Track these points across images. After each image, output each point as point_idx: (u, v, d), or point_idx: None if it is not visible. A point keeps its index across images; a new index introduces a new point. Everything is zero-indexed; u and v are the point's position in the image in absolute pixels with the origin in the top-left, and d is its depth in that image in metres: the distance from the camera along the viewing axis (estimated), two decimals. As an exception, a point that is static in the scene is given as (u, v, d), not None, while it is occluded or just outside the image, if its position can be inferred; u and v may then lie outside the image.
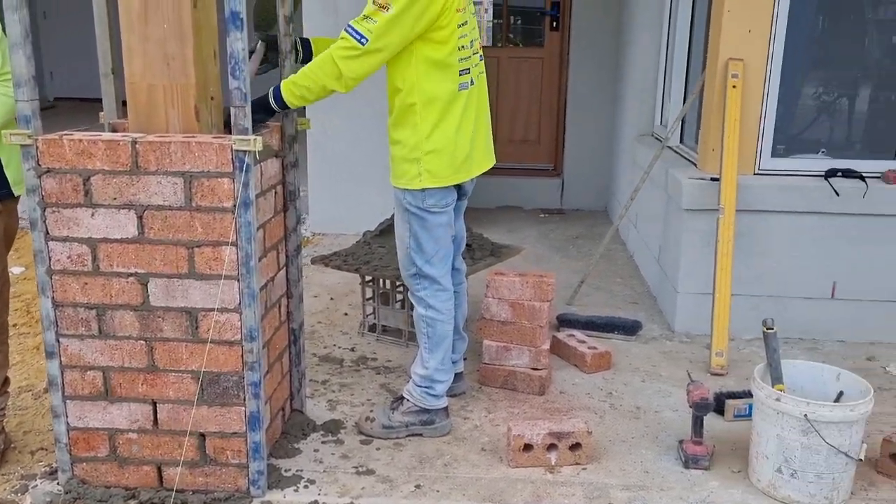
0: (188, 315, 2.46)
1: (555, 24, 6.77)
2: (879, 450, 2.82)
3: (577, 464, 2.82)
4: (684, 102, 4.71)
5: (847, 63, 4.33)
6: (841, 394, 2.76)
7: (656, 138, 5.37)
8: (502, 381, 3.42)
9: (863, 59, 4.30)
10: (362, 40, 2.56)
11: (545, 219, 6.65)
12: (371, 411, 3.05)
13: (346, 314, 4.34)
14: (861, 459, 2.60)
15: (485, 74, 2.95)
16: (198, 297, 2.44)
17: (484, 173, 3.01)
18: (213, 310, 2.44)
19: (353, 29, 2.58)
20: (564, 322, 4.10)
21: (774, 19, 3.80)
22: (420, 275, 2.94)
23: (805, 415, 2.52)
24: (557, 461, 2.80)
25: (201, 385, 2.49)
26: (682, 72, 4.99)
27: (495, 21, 6.97)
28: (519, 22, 7.44)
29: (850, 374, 2.78)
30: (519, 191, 6.98)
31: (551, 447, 2.79)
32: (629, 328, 4.05)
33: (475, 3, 4.95)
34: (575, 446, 2.80)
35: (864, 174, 3.88)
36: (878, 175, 3.89)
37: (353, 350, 3.85)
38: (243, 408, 2.52)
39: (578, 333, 3.89)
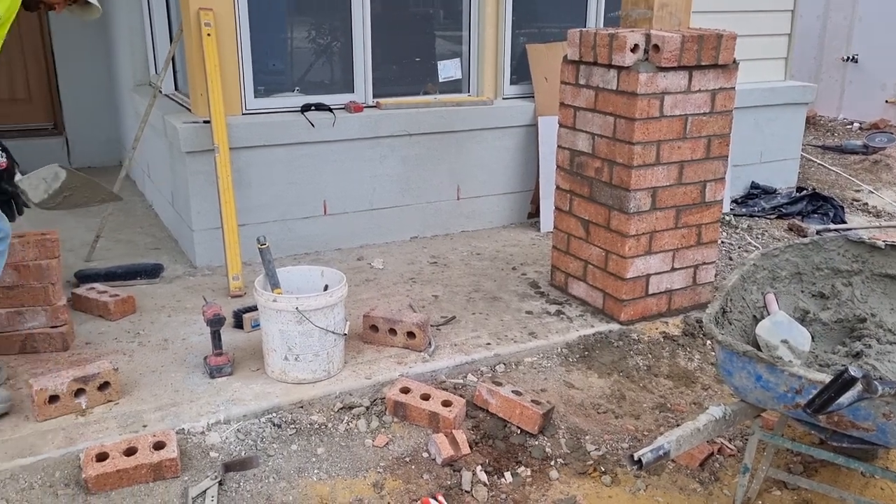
0: None
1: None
2: (363, 324, 3.54)
3: (109, 401, 2.96)
4: (172, 51, 4.90)
5: (312, 14, 4.97)
6: (327, 286, 3.37)
7: (153, 86, 5.46)
8: (20, 347, 3.33)
9: (322, 10, 4.98)
10: None
11: (53, 181, 6.28)
12: None
13: None
14: (346, 334, 3.25)
15: None
16: None
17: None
18: None
19: None
20: (83, 278, 4.10)
21: (235, -29, 4.19)
22: None
23: (297, 307, 3.05)
24: (88, 404, 2.91)
25: None
26: (165, 21, 5.15)
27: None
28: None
29: (330, 269, 3.40)
30: (18, 153, 6.42)
31: (79, 392, 2.89)
32: (151, 271, 4.22)
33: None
34: (103, 386, 2.94)
35: (332, 106, 4.59)
36: (343, 107, 4.64)
37: None
38: None
39: (100, 286, 3.93)
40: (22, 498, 2.50)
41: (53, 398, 2.83)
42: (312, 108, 4.53)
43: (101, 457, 2.57)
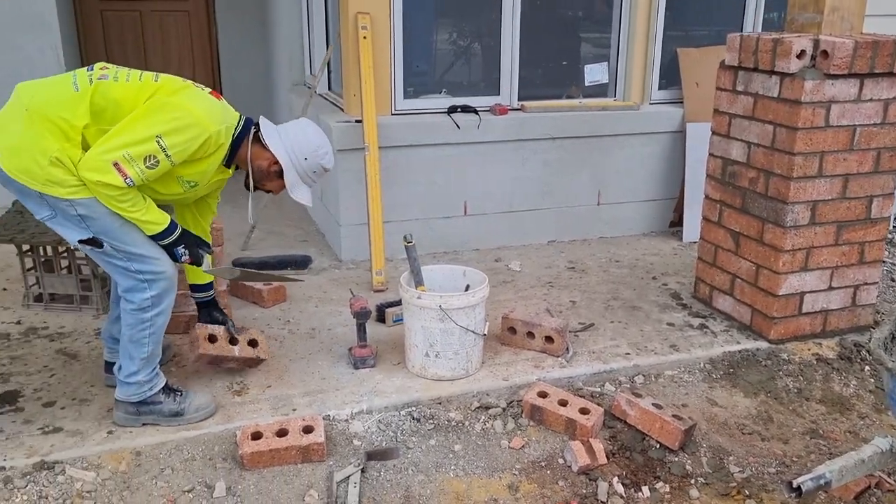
0: None
1: (196, -24, 6.75)
2: (501, 325, 3.56)
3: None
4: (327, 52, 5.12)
5: (461, 17, 5.06)
6: (468, 286, 3.42)
7: (308, 87, 5.73)
8: (185, 327, 3.59)
9: (471, 13, 5.06)
10: None
11: (213, 173, 6.73)
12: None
13: (4, 289, 4.12)
14: (485, 335, 3.29)
15: None
16: None
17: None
18: None
19: None
20: (240, 265, 4.35)
21: (393, -23, 4.32)
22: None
23: (440, 305, 3.11)
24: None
25: None
26: (323, 24, 5.39)
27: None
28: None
29: (473, 269, 3.45)
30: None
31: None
32: (300, 263, 4.44)
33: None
34: (258, 369, 3.13)
35: (478, 109, 4.65)
36: (488, 109, 4.69)
37: (19, 323, 3.71)
38: None
39: (254, 274, 4.17)
40: (185, 467, 2.69)
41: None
42: (458, 109, 4.61)
43: (256, 436, 2.73)
